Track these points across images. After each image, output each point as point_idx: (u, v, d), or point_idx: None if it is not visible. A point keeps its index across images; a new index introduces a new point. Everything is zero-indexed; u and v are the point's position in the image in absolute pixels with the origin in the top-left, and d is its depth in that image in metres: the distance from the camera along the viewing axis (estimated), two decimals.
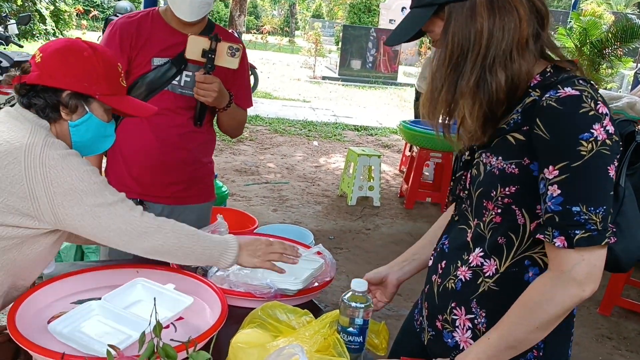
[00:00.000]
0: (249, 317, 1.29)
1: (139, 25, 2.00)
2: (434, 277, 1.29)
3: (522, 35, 1.08)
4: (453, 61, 1.11)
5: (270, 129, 8.53)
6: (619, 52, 8.06)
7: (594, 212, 1.01)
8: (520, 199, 1.12)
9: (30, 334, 1.23)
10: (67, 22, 15.89)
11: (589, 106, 1.01)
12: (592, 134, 1.00)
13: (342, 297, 1.26)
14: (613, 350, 3.39)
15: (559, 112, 1.02)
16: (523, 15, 1.08)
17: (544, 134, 1.04)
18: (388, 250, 4.49)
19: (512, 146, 1.11)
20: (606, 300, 3.80)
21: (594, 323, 3.68)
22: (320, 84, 14.78)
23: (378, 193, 5.57)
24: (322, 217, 5.11)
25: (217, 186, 3.90)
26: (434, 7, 1.11)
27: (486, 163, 1.15)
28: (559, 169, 1.02)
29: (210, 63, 1.90)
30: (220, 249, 1.43)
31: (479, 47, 1.08)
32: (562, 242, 1.02)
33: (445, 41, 1.11)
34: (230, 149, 7.13)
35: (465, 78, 1.10)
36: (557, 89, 1.04)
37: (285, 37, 28.37)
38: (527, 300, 1.08)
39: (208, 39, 1.90)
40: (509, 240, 1.15)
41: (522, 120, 1.10)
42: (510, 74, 1.09)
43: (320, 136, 8.45)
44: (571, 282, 1.03)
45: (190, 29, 2.01)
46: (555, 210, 1.03)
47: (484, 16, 1.07)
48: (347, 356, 1.16)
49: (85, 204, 1.28)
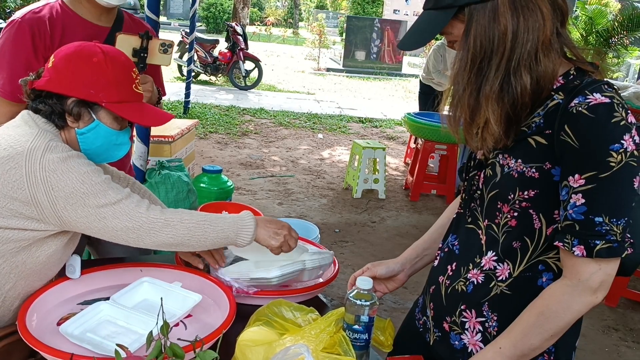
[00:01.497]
0: (255, 315, 1.30)
1: (50, 20, 1.77)
2: (442, 278, 1.28)
3: (546, 35, 1.04)
4: (476, 65, 1.06)
5: (274, 122, 8.53)
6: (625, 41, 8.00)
7: (615, 224, 1.00)
8: (538, 203, 1.10)
9: (41, 335, 1.24)
10: None
11: (621, 115, 0.99)
12: (622, 145, 0.98)
13: (347, 295, 1.26)
14: (619, 342, 3.40)
15: (591, 120, 0.99)
16: (546, 14, 1.04)
17: (573, 142, 1.01)
18: (394, 243, 4.49)
19: (533, 149, 1.08)
20: (612, 291, 3.79)
21: (600, 314, 3.68)
22: (324, 75, 14.75)
23: (383, 186, 5.57)
24: (328, 210, 5.12)
25: (223, 180, 3.91)
26: (454, 10, 1.06)
27: (503, 165, 1.13)
28: (585, 178, 1.00)
29: (142, 62, 1.81)
30: (236, 228, 1.42)
31: (503, 49, 1.04)
32: (581, 251, 1.01)
33: (467, 44, 1.06)
34: (235, 142, 7.13)
35: (490, 82, 1.06)
36: (585, 94, 1.01)
37: (289, 29, 28.29)
38: (542, 308, 1.07)
39: (138, 37, 1.80)
40: (524, 245, 1.14)
41: (544, 123, 1.07)
42: (536, 76, 1.05)
43: (325, 129, 8.45)
44: (587, 290, 1.03)
45: (105, 17, 1.86)
46: (576, 219, 1.02)
47: (507, 17, 1.03)
48: (352, 354, 1.16)
49: (89, 206, 1.27)
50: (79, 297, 1.48)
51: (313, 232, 2.97)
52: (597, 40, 7.88)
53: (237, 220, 1.43)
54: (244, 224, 1.43)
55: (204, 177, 3.77)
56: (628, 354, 3.29)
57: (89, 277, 1.53)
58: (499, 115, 1.08)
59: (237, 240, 1.43)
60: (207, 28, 22.29)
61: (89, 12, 1.84)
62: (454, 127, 1.15)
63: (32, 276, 1.36)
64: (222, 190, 3.84)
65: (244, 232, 1.43)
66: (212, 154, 6.53)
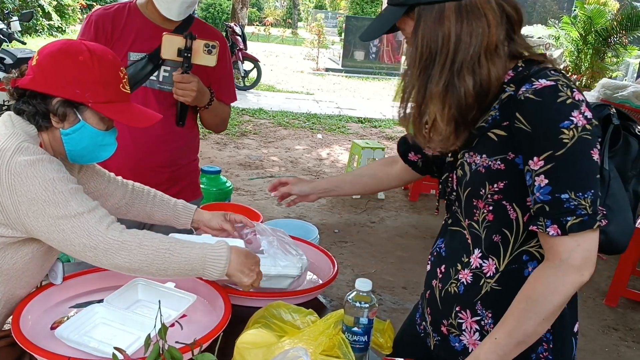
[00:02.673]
0: (254, 317, 1.30)
1: (114, 17, 1.93)
2: (434, 282, 1.29)
3: (491, 41, 1.09)
4: (422, 63, 1.11)
5: (274, 122, 8.52)
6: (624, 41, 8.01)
7: (582, 197, 1.02)
8: (509, 194, 1.13)
9: (36, 339, 1.23)
10: (71, 17, 15.88)
11: (566, 94, 1.03)
12: (572, 121, 1.02)
13: (346, 297, 1.25)
14: (619, 342, 3.39)
15: (538, 103, 1.04)
16: (492, 21, 1.08)
17: (526, 127, 1.05)
18: (393, 243, 4.49)
19: (495, 143, 1.12)
20: (612, 291, 3.79)
21: (600, 314, 3.68)
22: (323, 75, 14.74)
23: None
24: (327, 211, 5.12)
25: (221, 181, 3.90)
26: (405, 7, 1.12)
27: (470, 162, 1.17)
28: (544, 159, 1.03)
29: (187, 62, 1.85)
30: (204, 260, 1.29)
31: (447, 51, 1.08)
32: (555, 230, 1.04)
33: (415, 42, 1.11)
34: (234, 142, 7.13)
35: (434, 81, 1.10)
36: (531, 81, 1.06)
37: (288, 29, 28.29)
38: (530, 293, 1.08)
39: (183, 37, 1.84)
40: (504, 237, 1.16)
41: (500, 116, 1.11)
42: (479, 79, 1.10)
43: (324, 129, 8.44)
44: (570, 269, 1.04)
45: (170, 23, 1.96)
46: (544, 200, 1.04)
47: (451, 20, 1.07)
48: (351, 356, 1.16)
49: (48, 215, 1.20)
50: (71, 301, 1.47)
51: (312, 232, 2.96)
52: (596, 40, 7.90)
53: (207, 251, 1.30)
54: (215, 255, 1.30)
55: (202, 178, 3.76)
56: (628, 354, 3.28)
57: (82, 280, 1.52)
58: (444, 114, 1.12)
59: (204, 273, 1.31)
60: None
61: (156, 16, 1.95)
62: (404, 122, 1.19)
63: (12, 282, 1.33)
64: (221, 191, 3.83)
65: (214, 265, 1.30)
66: (211, 154, 6.52)
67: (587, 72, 8.14)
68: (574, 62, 8.32)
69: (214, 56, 1.88)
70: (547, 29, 9.82)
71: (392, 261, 4.17)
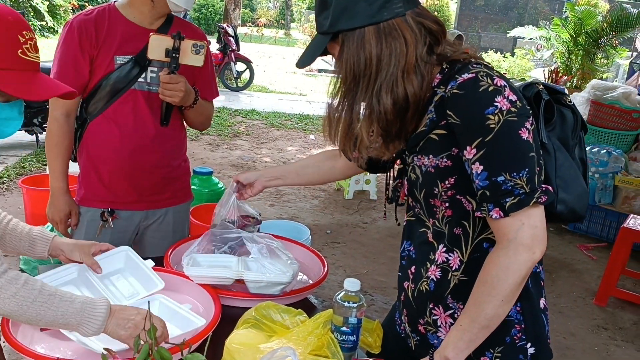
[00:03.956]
0: (243, 318, 1.30)
1: (96, 22, 1.90)
2: (406, 283, 1.33)
3: (409, 60, 1.13)
4: (347, 86, 1.17)
5: (266, 123, 8.52)
6: (614, 42, 8.07)
7: (517, 177, 1.06)
8: (461, 188, 1.17)
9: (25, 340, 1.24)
10: (62, 17, 15.82)
11: (487, 82, 1.08)
12: (496, 107, 1.06)
13: (335, 297, 1.27)
14: (609, 341, 3.42)
15: (462, 96, 1.09)
16: (410, 40, 1.13)
17: (455, 120, 1.11)
18: (385, 244, 4.50)
19: (437, 142, 1.17)
20: (602, 290, 3.83)
21: (590, 314, 3.71)
22: (316, 76, 14.75)
23: (374, 186, 5.58)
24: (319, 212, 5.13)
25: (214, 182, 3.91)
26: (330, 35, 1.17)
27: (420, 165, 1.21)
28: (475, 147, 1.08)
29: (174, 62, 1.83)
30: (81, 316, 1.18)
31: (369, 73, 1.13)
32: (497, 213, 1.08)
33: (340, 66, 1.16)
34: (226, 143, 7.12)
35: (358, 102, 1.16)
36: (455, 78, 1.12)
37: (281, 30, 28.28)
38: (485, 277, 1.11)
39: (171, 37, 1.82)
40: (464, 229, 1.20)
41: (437, 117, 1.16)
42: (397, 97, 1.14)
43: (317, 130, 8.44)
44: (519, 247, 1.07)
45: (156, 23, 1.95)
46: (484, 186, 1.09)
47: (372, 43, 1.12)
48: (340, 356, 1.17)
49: None
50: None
51: (304, 233, 2.98)
52: (586, 41, 7.95)
53: (86, 307, 1.19)
54: (92, 313, 1.19)
55: (194, 179, 3.77)
56: (617, 353, 3.31)
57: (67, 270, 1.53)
58: (370, 131, 1.18)
59: (79, 329, 1.19)
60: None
61: (136, 16, 1.94)
62: (331, 139, 1.23)
63: None
64: (213, 192, 3.84)
65: (90, 322, 1.19)
66: (203, 155, 6.51)
67: (578, 73, 8.19)
68: (565, 63, 8.38)
69: (202, 56, 1.87)
70: (539, 30, 9.87)
71: (384, 261, 4.18)
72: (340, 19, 1.14)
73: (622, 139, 5.00)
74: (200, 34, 2.07)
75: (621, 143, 5.01)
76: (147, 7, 1.91)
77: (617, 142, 5.02)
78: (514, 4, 19.19)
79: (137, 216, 2.05)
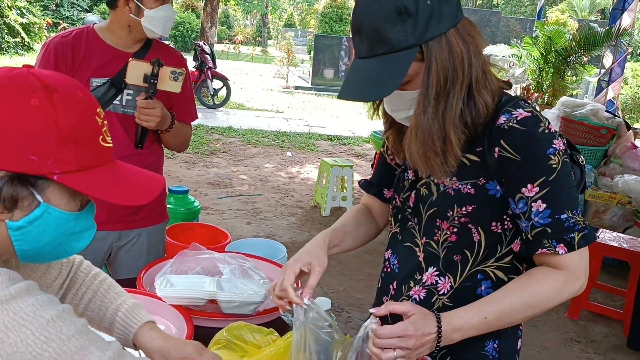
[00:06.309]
0: (215, 338, 1.31)
1: (73, 45, 1.90)
2: (385, 298, 1.32)
3: (484, 58, 1.14)
4: (441, 97, 1.09)
5: (243, 140, 8.53)
6: (583, 60, 8.28)
7: (577, 214, 1.11)
8: (476, 217, 1.16)
9: None
10: (37, 34, 15.69)
11: (544, 125, 1.11)
12: (555, 148, 1.09)
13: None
14: (581, 354, 3.47)
15: (524, 133, 1.09)
16: (479, 40, 1.13)
17: (514, 156, 1.10)
18: (362, 261, 4.52)
19: (467, 167, 1.15)
20: (574, 304, 3.89)
21: (562, 327, 3.76)
22: (293, 93, 14.83)
23: (351, 203, 5.61)
24: (296, 229, 5.13)
25: (189, 201, 3.88)
26: (416, 48, 1.06)
27: (438, 183, 1.19)
28: (538, 185, 1.09)
29: (152, 88, 1.84)
30: None
31: (462, 75, 1.09)
32: (563, 249, 1.10)
33: (430, 80, 1.07)
34: (203, 161, 7.10)
35: (454, 108, 1.09)
36: (509, 111, 1.11)
37: (258, 47, 28.41)
38: (538, 291, 1.11)
39: (150, 63, 1.83)
40: (464, 257, 1.20)
41: (474, 142, 1.15)
42: (491, 92, 1.13)
43: (294, 147, 8.48)
44: (576, 279, 1.12)
45: (135, 47, 1.96)
46: (545, 223, 1.10)
47: (460, 45, 1.08)
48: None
49: None
50: None
51: (280, 251, 2.97)
52: (556, 59, 8.14)
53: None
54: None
55: (170, 198, 3.74)
56: None
57: None
58: (460, 136, 1.11)
59: None
60: (175, 47, 22.13)
61: (114, 39, 1.94)
62: (425, 164, 1.13)
63: None
64: (189, 210, 3.81)
65: None
66: (179, 173, 6.49)
67: (549, 90, 8.37)
68: (536, 80, 8.56)
69: (180, 83, 1.89)
70: (510, 49, 10.09)
71: (361, 278, 4.20)
72: (429, 27, 1.04)
73: (591, 155, 5.11)
74: (179, 57, 2.08)
75: (591, 158, 5.12)
76: (125, 31, 1.93)
77: (587, 158, 5.14)
78: (486, 22, 19.58)
79: (111, 237, 2.04)
